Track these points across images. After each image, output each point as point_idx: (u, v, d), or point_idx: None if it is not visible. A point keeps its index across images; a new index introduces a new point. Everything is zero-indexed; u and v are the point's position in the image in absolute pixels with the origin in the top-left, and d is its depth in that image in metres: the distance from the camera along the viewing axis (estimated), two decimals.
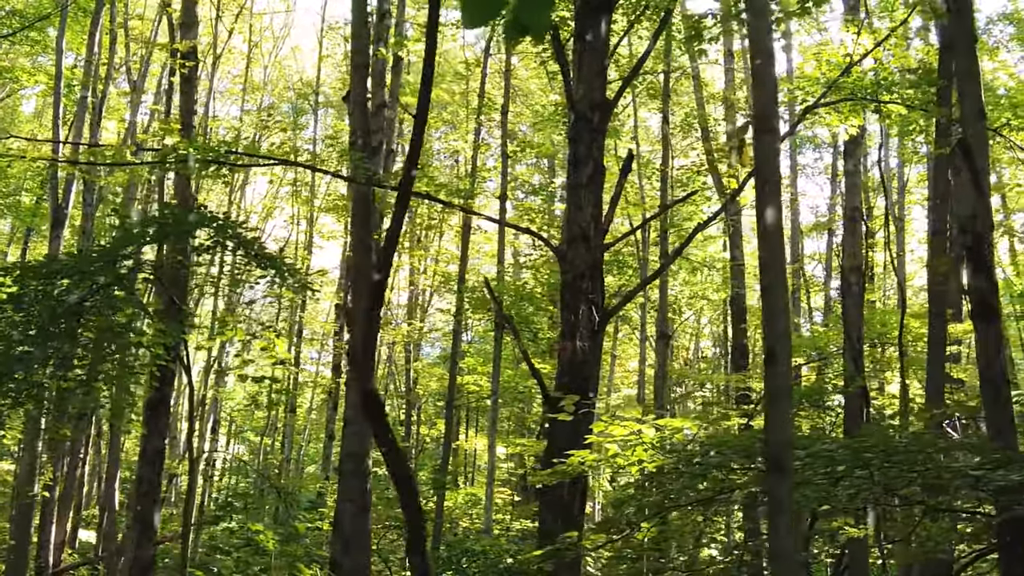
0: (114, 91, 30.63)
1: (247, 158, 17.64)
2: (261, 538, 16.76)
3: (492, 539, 22.70)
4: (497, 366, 25.89)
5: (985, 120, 12.63)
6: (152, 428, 19.56)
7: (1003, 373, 11.67)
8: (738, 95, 29.21)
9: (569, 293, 15.59)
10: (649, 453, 12.70)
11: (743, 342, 26.86)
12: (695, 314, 40.74)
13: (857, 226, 22.73)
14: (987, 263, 11.98)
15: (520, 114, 31.24)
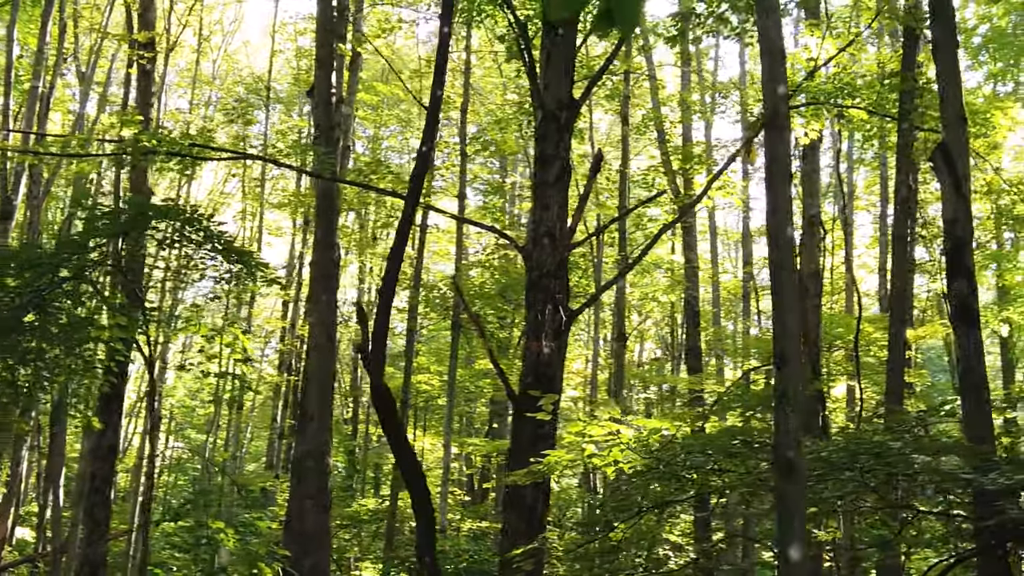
0: (60, 82, 30.10)
1: (210, 151, 17.36)
2: (221, 536, 16.48)
3: (451, 539, 22.59)
4: (453, 365, 25.75)
5: (967, 124, 12.69)
6: (106, 423, 19.28)
7: (984, 377, 11.74)
8: (694, 97, 29.30)
9: (535, 293, 15.46)
10: (625, 454, 12.62)
11: (697, 344, 26.88)
12: (640, 316, 40.76)
13: (815, 230, 22.81)
14: (968, 268, 12.04)
15: (476, 112, 31.06)
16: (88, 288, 15.44)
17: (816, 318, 22.39)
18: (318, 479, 18.07)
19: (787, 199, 7.87)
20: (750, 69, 35.44)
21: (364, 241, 34.86)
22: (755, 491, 11.30)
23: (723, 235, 40.51)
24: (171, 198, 26.33)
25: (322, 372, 18.59)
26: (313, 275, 19.46)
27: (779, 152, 7.88)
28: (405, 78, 30.53)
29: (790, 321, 7.62)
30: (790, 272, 7.80)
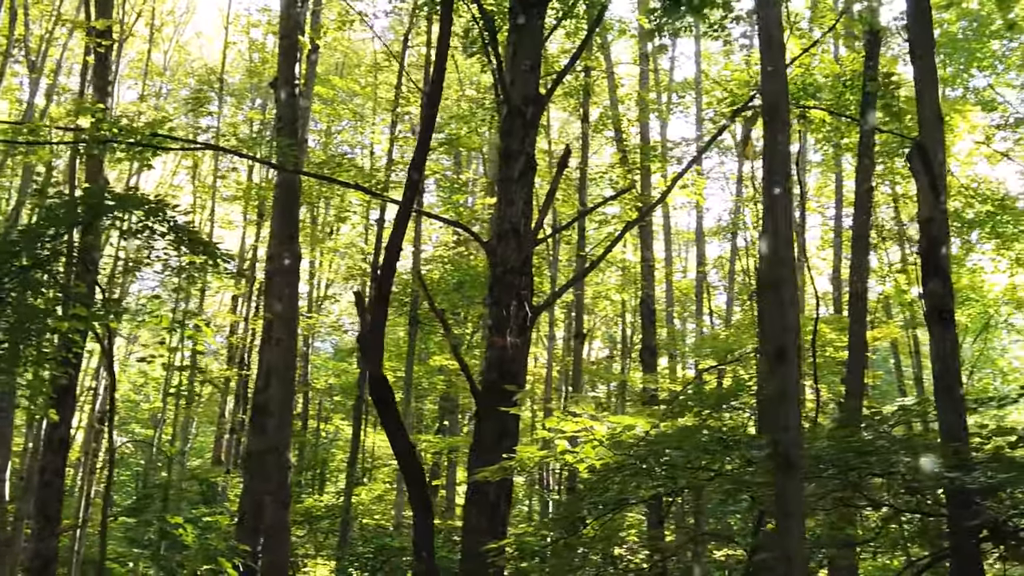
0: (8, 70, 29.59)
1: (171, 142, 17.08)
2: (180, 531, 16.24)
3: (407, 536, 22.41)
4: (411, 361, 25.59)
5: (943, 125, 12.73)
6: (60, 415, 18.94)
7: (958, 377, 11.78)
8: (651, 96, 29.31)
9: (499, 288, 15.37)
10: (598, 450, 12.56)
11: (652, 343, 26.89)
12: (591, 315, 40.75)
13: None
14: (943, 268, 12.07)
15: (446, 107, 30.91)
16: (46, 278, 15.15)
17: None
18: (278, 475, 17.88)
19: (786, 195, 7.82)
20: (705, 69, 35.59)
21: (315, 236, 34.60)
22: (738, 489, 11.25)
23: (674, 235, 40.60)
24: (125, 188, 25.97)
25: (284, 367, 18.39)
26: (273, 268, 19.24)
27: (780, 146, 7.84)
28: (360, 73, 30.37)
29: (789, 317, 7.57)
30: (790, 267, 7.75)
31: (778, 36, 8.13)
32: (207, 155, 33.06)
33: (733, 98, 21.30)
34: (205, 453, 43.00)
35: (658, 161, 24.44)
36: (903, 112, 20.82)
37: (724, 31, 17.47)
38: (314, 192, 28.15)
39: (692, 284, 37.87)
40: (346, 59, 35.40)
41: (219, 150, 18.66)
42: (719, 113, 25.73)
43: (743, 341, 25.32)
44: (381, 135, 33.21)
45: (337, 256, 37.62)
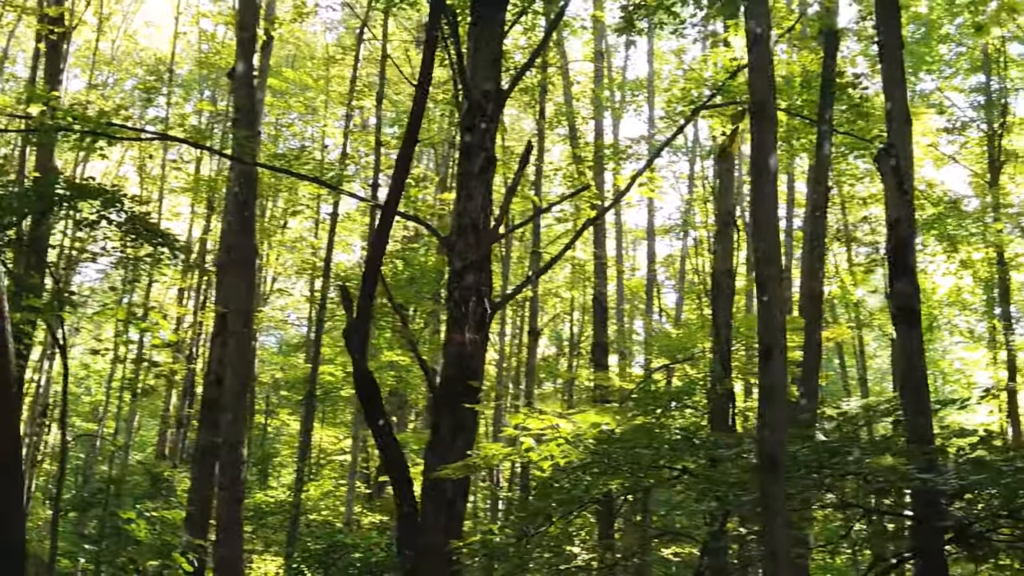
0: None
1: (128, 131, 16.82)
2: (132, 527, 15.99)
3: (362, 533, 22.30)
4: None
5: (911, 126, 12.76)
6: None
7: (924, 378, 11.80)
8: (606, 94, 29.29)
9: (457, 284, 15.27)
10: (563, 448, 12.50)
11: (604, 340, 26.90)
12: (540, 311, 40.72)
13: (730, 229, 22.94)
14: (910, 268, 12.09)
15: (388, 98, 30.76)
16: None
17: (728, 315, 22.53)
18: (231, 470, 17.69)
19: (773, 190, 7.79)
20: (657, 69, 35.69)
21: (264, 229, 34.27)
22: (710, 488, 11.21)
23: (624, 233, 40.60)
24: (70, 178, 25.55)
25: (239, 361, 18.18)
26: (229, 261, 19.03)
27: (766, 143, 7.79)
28: (312, 66, 30.13)
29: (776, 315, 7.53)
30: (776, 265, 7.71)
31: (765, 32, 8.09)
32: (157, 146, 32.67)
33: (690, 96, 21.29)
34: (148, 447, 42.47)
35: (613, 159, 24.36)
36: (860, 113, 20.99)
37: (694, 28, 17.46)
38: (266, 185, 27.89)
39: (642, 282, 37.95)
40: (298, 52, 35.09)
41: (177, 141, 18.38)
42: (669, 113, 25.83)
43: (695, 340, 25.34)
44: (335, 129, 32.99)
45: (285, 250, 37.31)
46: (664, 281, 39.07)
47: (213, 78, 34.49)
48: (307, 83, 31.94)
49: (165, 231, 14.92)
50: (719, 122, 21.12)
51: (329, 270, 26.94)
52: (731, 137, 16.26)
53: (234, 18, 25.80)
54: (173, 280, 32.33)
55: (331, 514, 28.79)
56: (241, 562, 17.95)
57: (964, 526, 10.74)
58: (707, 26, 21.28)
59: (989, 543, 11.03)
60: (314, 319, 34.03)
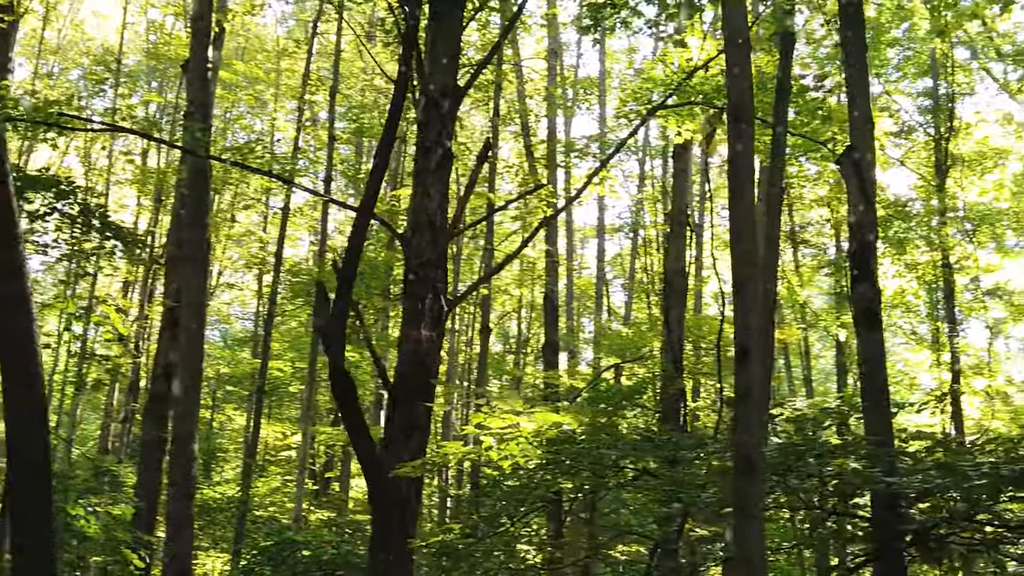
0: None
1: (79, 121, 16.56)
2: (81, 523, 15.74)
3: (313, 531, 22.15)
4: (315, 352, 25.19)
5: (873, 128, 12.84)
6: None
7: (885, 381, 11.87)
8: (559, 91, 29.25)
9: (414, 281, 15.16)
10: (523, 447, 12.45)
11: (555, 339, 26.88)
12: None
13: (682, 229, 23.00)
14: (872, 271, 12.17)
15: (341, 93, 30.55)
16: None
17: (680, 315, 22.59)
18: (183, 466, 17.47)
19: (751, 192, 7.77)
20: (608, 68, 35.72)
21: (213, 223, 33.94)
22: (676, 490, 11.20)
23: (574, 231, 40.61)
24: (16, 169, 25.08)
25: (191, 356, 17.94)
26: (180, 254, 18.82)
27: (744, 145, 7.77)
28: (262, 59, 29.89)
29: (753, 317, 7.51)
30: (755, 267, 7.70)
31: (744, 32, 8.08)
32: (107, 137, 32.16)
33: (647, 96, 21.28)
34: (89, 442, 41.92)
35: (569, 157, 24.33)
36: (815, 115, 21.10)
37: (658, 27, 17.43)
38: (214, 179, 27.57)
39: (591, 281, 38.00)
40: (248, 44, 34.76)
41: (131, 132, 18.19)
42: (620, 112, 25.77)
43: (646, 339, 25.40)
44: (286, 123, 32.75)
45: (232, 244, 36.99)
46: (612, 280, 39.13)
47: (161, 69, 34.07)
48: (258, 76, 31.67)
49: (119, 224, 14.66)
50: (674, 122, 21.12)
51: (280, 264, 26.70)
52: (708, 138, 16.27)
53: (184, 9, 25.51)
54: (122, 273, 31.98)
55: (277, 511, 28.59)
56: (190, 558, 17.72)
57: (924, 529, 10.82)
58: (662, 26, 21.34)
59: (948, 546, 11.12)
60: (262, 313, 33.82)
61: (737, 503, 7.39)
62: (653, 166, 35.86)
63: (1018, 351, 43.61)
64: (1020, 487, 9.70)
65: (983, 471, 9.34)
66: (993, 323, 36.13)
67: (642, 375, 26.48)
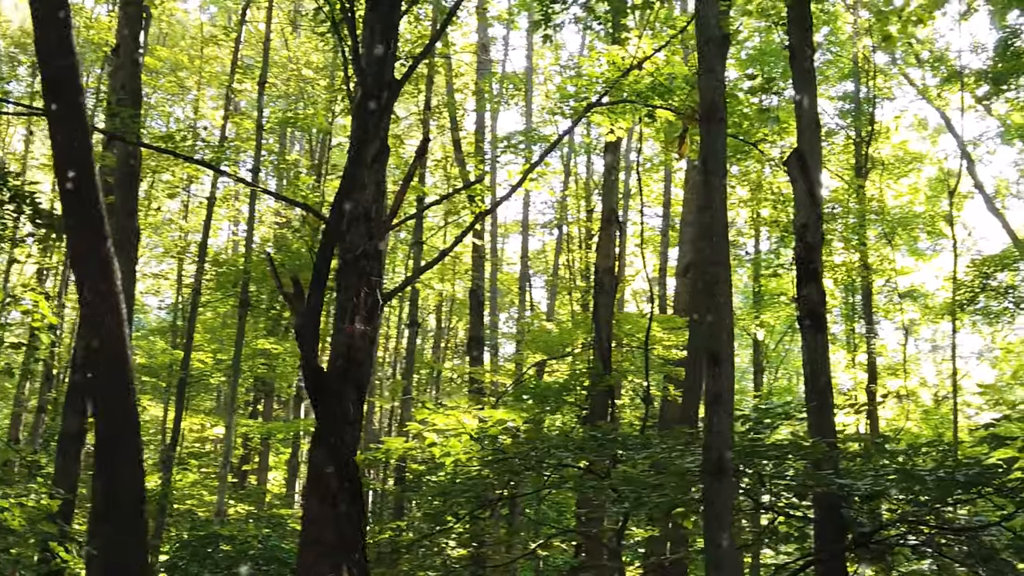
0: None
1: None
2: (5, 515, 15.24)
3: (238, 525, 21.82)
4: (240, 344, 24.83)
5: (820, 130, 12.90)
6: None
7: (829, 382, 11.94)
8: (488, 86, 29.15)
9: (348, 274, 14.98)
10: (466, 444, 12.38)
11: (480, 334, 26.81)
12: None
13: (613, 227, 23.00)
14: (818, 273, 12.21)
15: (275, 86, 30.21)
16: None
17: (609, 312, 22.59)
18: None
19: (723, 193, 7.73)
20: (535, 64, 35.71)
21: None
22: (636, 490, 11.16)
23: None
24: None
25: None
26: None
27: (716, 145, 7.74)
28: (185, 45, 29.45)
29: (724, 319, 7.48)
30: (726, 268, 7.66)
31: (716, 33, 8.03)
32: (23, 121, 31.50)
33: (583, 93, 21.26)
34: None
35: (504, 151, 24.25)
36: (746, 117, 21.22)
37: (608, 23, 17.35)
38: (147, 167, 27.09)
39: (514, 276, 38.00)
40: (171, 30, 34.19)
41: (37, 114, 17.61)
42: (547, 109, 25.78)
43: (573, 336, 25.38)
44: (211, 110, 32.27)
45: (152, 232, 36.35)
46: (533, 276, 39.13)
47: (82, 54, 33.33)
48: (181, 63, 31.17)
49: (52, 211, 14.28)
50: (607, 120, 21.12)
51: (205, 254, 26.28)
52: (680, 139, 16.26)
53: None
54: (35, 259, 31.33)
55: (196, 503, 28.18)
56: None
57: (866, 531, 10.90)
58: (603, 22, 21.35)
59: (890, 546, 11.21)
60: (181, 304, 33.36)
61: (708, 505, 7.37)
62: (577, 162, 35.92)
63: (928, 352, 44.49)
64: (969, 490, 9.80)
65: (939, 475, 9.42)
66: (907, 325, 36.79)
67: (564, 371, 26.47)
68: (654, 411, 24.04)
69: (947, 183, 36.08)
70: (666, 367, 24.50)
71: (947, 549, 10.56)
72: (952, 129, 32.41)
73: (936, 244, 37.15)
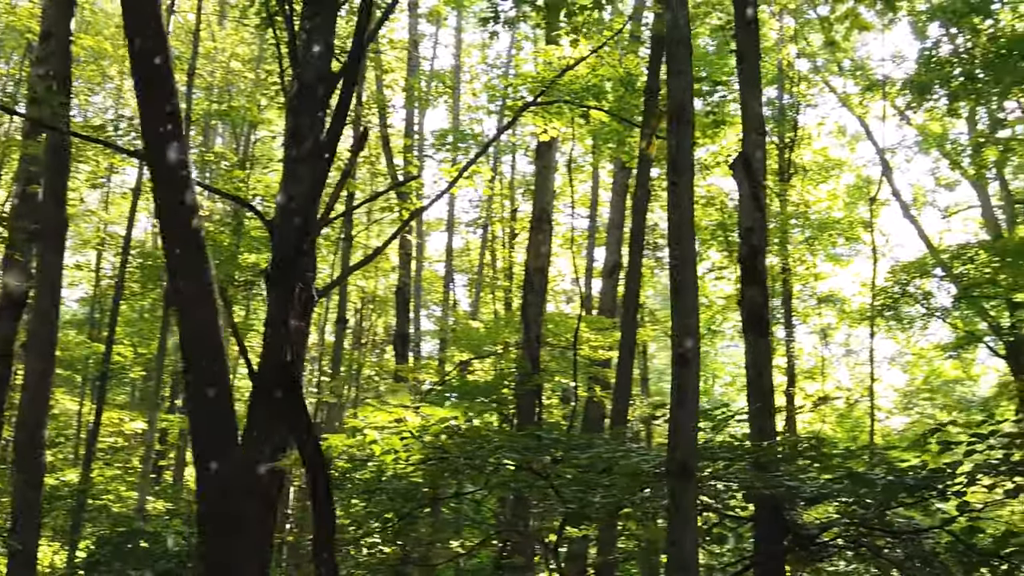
0: None
1: None
2: None
3: (161, 521, 21.48)
4: (164, 338, 24.47)
5: (766, 134, 12.96)
6: None
7: (771, 384, 12.02)
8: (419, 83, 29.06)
9: (281, 270, 14.83)
10: (407, 441, 12.29)
11: (406, 331, 26.71)
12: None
13: (544, 226, 23.03)
14: (762, 276, 12.28)
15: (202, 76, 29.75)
16: None
17: (539, 312, 22.61)
18: (30, 453, 16.77)
19: (690, 194, 7.72)
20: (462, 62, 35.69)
21: None
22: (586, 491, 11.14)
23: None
24: None
25: (44, 339, 17.21)
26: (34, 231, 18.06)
27: (684, 146, 7.73)
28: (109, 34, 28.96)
29: (692, 320, 7.47)
30: (694, 269, 7.66)
31: (684, 34, 8.03)
32: None
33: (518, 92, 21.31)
34: None
35: (455, 149, 24.14)
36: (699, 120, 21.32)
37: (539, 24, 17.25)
38: None
39: (437, 274, 37.95)
40: (93, 18, 33.61)
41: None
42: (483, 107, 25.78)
43: (500, 335, 25.36)
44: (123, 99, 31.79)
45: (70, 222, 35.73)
46: (456, 274, 39.08)
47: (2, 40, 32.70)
48: (106, 51, 30.61)
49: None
50: (541, 120, 21.15)
51: (129, 245, 25.82)
52: (649, 139, 16.27)
53: None
54: None
55: (112, 499, 27.68)
56: (37, 551, 17.03)
57: (805, 534, 10.99)
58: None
59: (830, 549, 11.32)
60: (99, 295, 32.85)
61: (672, 508, 7.36)
62: (502, 161, 35.92)
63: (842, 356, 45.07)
64: (914, 494, 9.91)
65: (889, 479, 9.52)
66: (825, 329, 37.31)
67: (488, 370, 26.47)
68: (580, 410, 24.13)
69: (864, 190, 36.67)
70: (592, 368, 24.59)
71: (887, 552, 10.69)
72: (871, 137, 32.86)
73: (853, 249, 37.64)
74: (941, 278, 26.59)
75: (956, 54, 23.48)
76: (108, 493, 27.30)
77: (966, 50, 23.17)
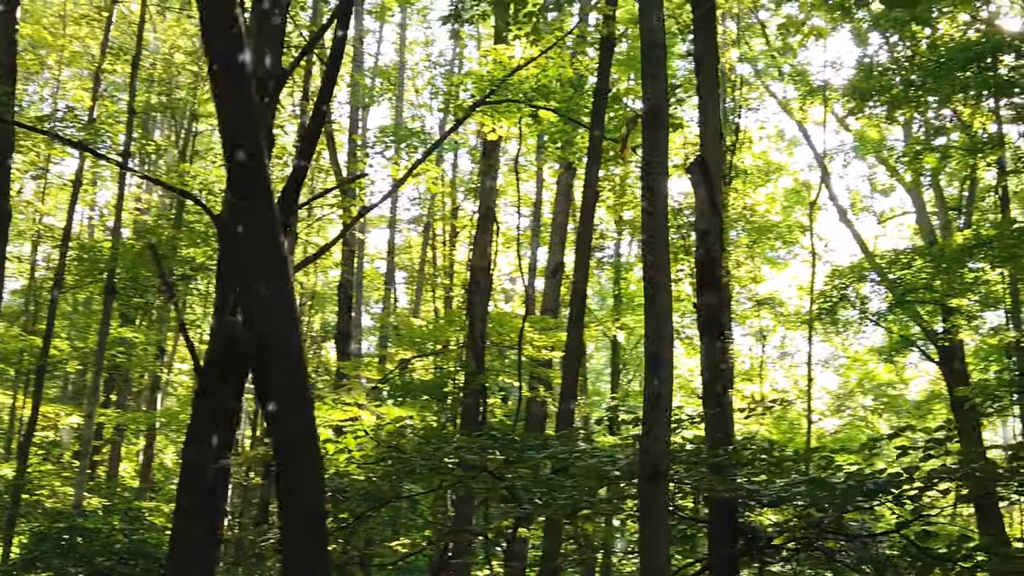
0: None
1: None
2: None
3: (102, 518, 21.16)
4: (105, 332, 24.13)
5: (723, 140, 13.05)
6: None
7: (725, 387, 12.09)
8: (364, 80, 28.91)
9: (231, 264, 14.66)
10: (361, 441, 12.25)
11: (348, 328, 26.56)
12: None
13: (489, 224, 23.01)
14: (717, 280, 12.36)
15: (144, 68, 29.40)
16: None
17: (484, 312, 22.58)
18: None
19: (665, 199, 7.74)
20: (404, 59, 35.60)
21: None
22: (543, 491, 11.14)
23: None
24: None
25: None
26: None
27: (660, 150, 7.74)
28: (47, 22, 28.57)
29: (664, 324, 7.50)
30: (667, 274, 7.68)
31: (659, 37, 8.05)
32: None
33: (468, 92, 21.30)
34: None
35: (412, 147, 23.98)
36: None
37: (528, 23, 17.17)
38: None
39: (377, 271, 37.78)
40: (31, 6, 33.12)
41: None
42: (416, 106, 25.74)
43: (445, 333, 25.29)
44: (83, 92, 31.28)
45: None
46: (397, 271, 38.95)
47: None
48: (45, 40, 30.17)
49: None
50: (489, 119, 21.09)
51: (68, 238, 25.42)
52: (623, 141, 16.25)
53: None
54: None
55: (46, 494, 27.27)
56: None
57: (759, 536, 11.07)
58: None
59: (779, 551, 11.41)
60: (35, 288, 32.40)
61: (643, 511, 7.37)
62: (444, 159, 35.85)
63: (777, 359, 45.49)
64: (872, 498, 10.02)
65: (849, 484, 9.61)
66: (762, 330, 37.62)
67: (429, 368, 26.42)
68: (523, 410, 24.11)
69: (802, 194, 37.02)
70: (537, 368, 24.59)
71: (841, 556, 10.79)
72: (810, 142, 33.07)
73: (790, 253, 37.95)
74: (877, 283, 26.85)
75: (896, 61, 23.75)
76: (43, 488, 26.89)
77: (906, 58, 23.46)
